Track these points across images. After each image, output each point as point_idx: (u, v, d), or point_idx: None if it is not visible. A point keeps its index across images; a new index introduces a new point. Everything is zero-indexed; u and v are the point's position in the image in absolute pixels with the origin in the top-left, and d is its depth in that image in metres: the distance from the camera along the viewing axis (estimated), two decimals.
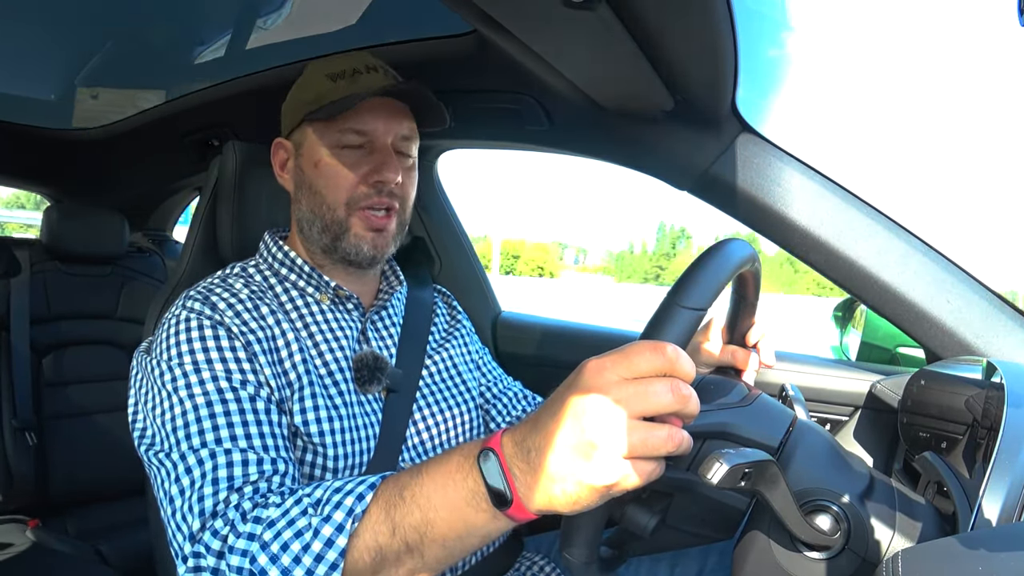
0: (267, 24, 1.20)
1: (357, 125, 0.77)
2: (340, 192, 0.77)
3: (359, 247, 0.78)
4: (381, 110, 0.78)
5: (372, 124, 0.77)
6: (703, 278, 0.51)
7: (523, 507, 0.45)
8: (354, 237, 0.78)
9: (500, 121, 1.10)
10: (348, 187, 0.77)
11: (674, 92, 0.84)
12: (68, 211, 1.63)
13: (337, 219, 0.77)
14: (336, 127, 0.77)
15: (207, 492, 0.58)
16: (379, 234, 0.79)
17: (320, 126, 0.78)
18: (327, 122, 0.77)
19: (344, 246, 0.78)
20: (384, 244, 0.80)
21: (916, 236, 0.89)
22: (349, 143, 0.77)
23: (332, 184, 0.77)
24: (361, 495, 0.52)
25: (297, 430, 0.70)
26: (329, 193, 0.77)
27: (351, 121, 0.76)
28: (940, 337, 0.87)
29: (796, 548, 0.53)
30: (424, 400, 0.83)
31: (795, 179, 0.91)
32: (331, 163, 0.77)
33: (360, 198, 0.77)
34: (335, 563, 0.51)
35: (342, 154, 0.77)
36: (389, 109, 0.79)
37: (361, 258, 0.79)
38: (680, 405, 0.42)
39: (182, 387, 0.64)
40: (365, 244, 0.78)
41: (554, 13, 0.60)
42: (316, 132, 0.78)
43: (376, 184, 0.77)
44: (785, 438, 0.58)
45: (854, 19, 50.01)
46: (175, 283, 0.89)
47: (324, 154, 0.77)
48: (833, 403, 1.00)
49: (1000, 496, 0.49)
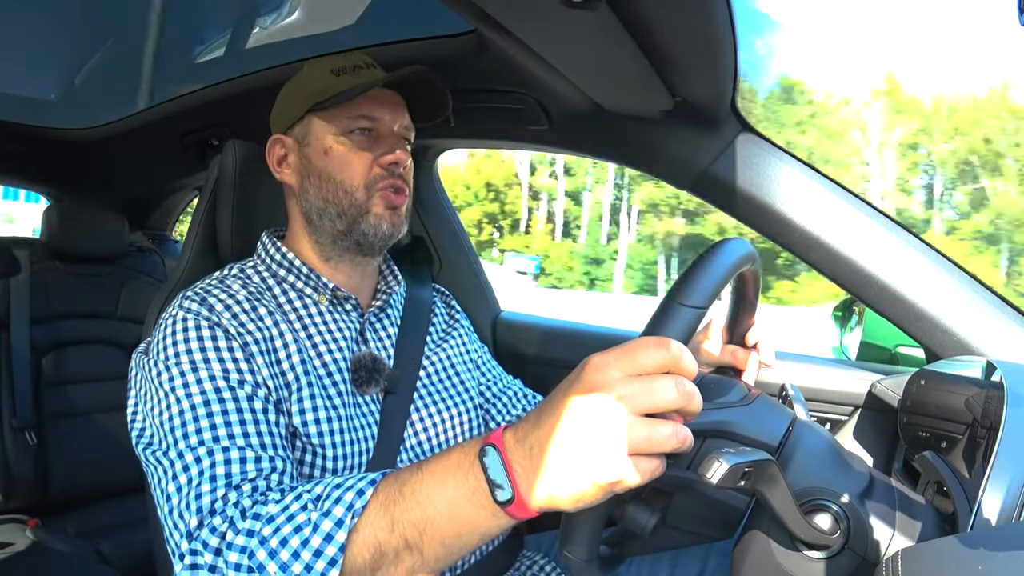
0: (267, 24, 1.20)
1: (366, 111, 0.78)
2: (356, 175, 0.78)
3: (379, 226, 0.78)
4: (387, 100, 0.80)
5: (380, 112, 0.79)
6: (704, 277, 0.52)
7: (525, 504, 0.45)
8: (374, 217, 0.78)
9: (500, 120, 1.10)
10: (364, 169, 0.78)
11: (674, 92, 0.84)
12: (68, 211, 1.63)
13: (356, 202, 0.78)
14: (344, 113, 0.78)
15: (204, 489, 0.58)
16: (395, 212, 0.79)
17: (328, 115, 0.78)
18: (334, 110, 0.78)
19: (363, 227, 0.78)
20: (399, 222, 0.80)
21: (916, 236, 0.89)
22: (360, 126, 0.78)
23: (347, 168, 0.78)
24: (361, 491, 0.52)
25: (295, 431, 0.70)
26: (345, 177, 0.78)
27: (360, 108, 0.78)
28: (940, 337, 0.87)
29: (796, 547, 0.54)
30: (422, 400, 0.83)
31: (795, 178, 0.91)
32: (342, 149, 0.78)
33: (377, 179, 0.78)
34: (334, 559, 0.51)
35: (352, 139, 0.78)
36: (393, 100, 0.81)
37: (378, 237, 0.79)
38: (684, 402, 0.43)
39: (179, 387, 0.64)
40: (384, 223, 0.78)
41: (554, 13, 0.60)
42: (324, 121, 0.79)
43: (390, 166, 0.78)
44: (785, 437, 0.58)
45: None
46: (174, 283, 0.89)
47: (334, 140, 0.78)
48: (833, 403, 1.00)
49: (1000, 496, 0.49)
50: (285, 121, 0.82)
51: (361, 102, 0.78)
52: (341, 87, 0.77)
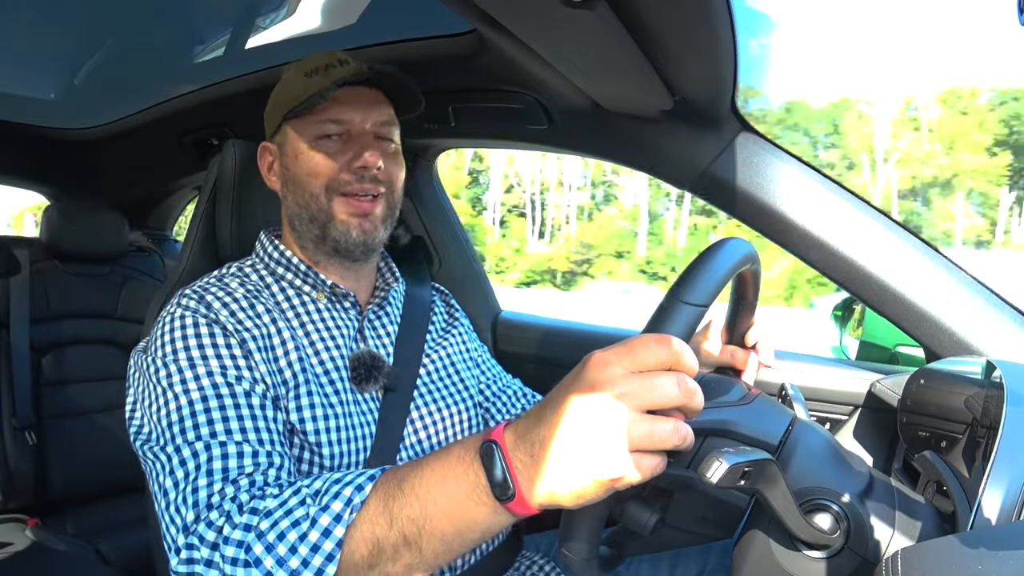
0: (266, 24, 1.20)
1: (333, 115, 0.77)
2: (319, 178, 0.77)
3: (347, 233, 0.78)
4: (357, 99, 0.79)
5: (348, 113, 0.78)
6: (704, 275, 0.52)
7: (525, 501, 0.45)
8: (340, 224, 0.77)
9: (500, 120, 1.10)
10: (327, 173, 0.77)
11: (674, 92, 0.84)
12: (68, 211, 1.63)
13: (320, 206, 0.78)
14: (313, 120, 0.78)
15: (201, 484, 0.58)
16: (365, 219, 0.78)
17: (298, 123, 0.79)
18: (304, 117, 0.78)
19: (333, 234, 0.78)
20: (372, 229, 0.79)
21: (916, 235, 0.89)
22: (327, 132, 0.78)
23: (312, 172, 0.77)
24: (360, 486, 0.52)
25: (293, 428, 0.70)
26: (311, 181, 0.78)
27: (327, 112, 0.77)
28: (940, 336, 0.87)
29: (796, 547, 0.53)
30: (422, 399, 0.83)
31: (795, 178, 0.91)
32: (310, 154, 0.78)
33: (341, 184, 0.77)
34: (331, 554, 0.50)
35: (321, 144, 0.78)
36: (365, 98, 0.79)
37: (350, 244, 0.78)
38: (686, 399, 0.43)
39: (177, 383, 0.65)
40: (353, 229, 0.78)
41: (554, 13, 0.60)
42: (295, 129, 0.79)
43: (358, 170, 0.77)
44: (785, 437, 0.58)
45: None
46: (174, 282, 0.89)
47: (303, 147, 0.78)
48: (833, 402, 1.00)
49: (999, 495, 0.49)
50: (270, 128, 0.83)
51: (328, 106, 0.77)
52: (312, 89, 0.76)
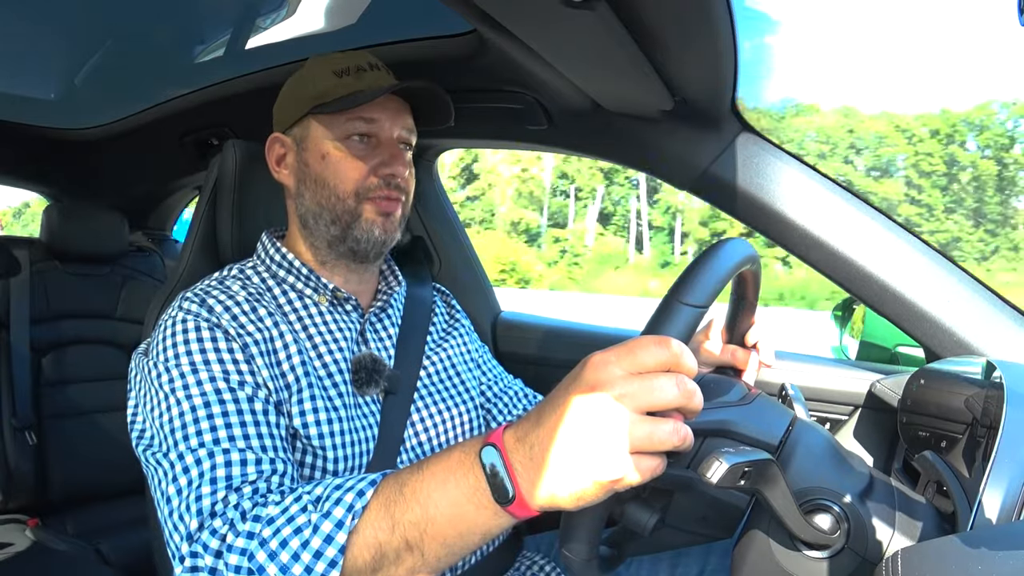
0: (267, 23, 1.20)
1: (366, 114, 0.77)
2: (349, 183, 0.77)
3: (370, 231, 0.78)
4: (387, 104, 0.79)
5: (380, 115, 0.78)
6: (704, 275, 0.52)
7: (525, 503, 0.45)
8: (365, 223, 0.77)
9: (500, 120, 1.10)
10: (358, 177, 0.77)
11: (674, 92, 0.84)
12: (68, 211, 1.63)
13: (348, 208, 0.77)
14: (343, 118, 0.77)
15: (205, 492, 0.58)
16: (388, 218, 0.79)
17: (326, 119, 0.78)
18: (334, 114, 0.77)
19: (355, 234, 0.78)
20: (392, 228, 0.80)
21: (916, 236, 0.89)
22: (357, 131, 0.77)
23: (342, 175, 0.77)
24: (361, 492, 0.52)
25: (296, 432, 0.70)
26: (340, 184, 0.77)
27: (360, 111, 0.77)
28: (940, 336, 0.87)
29: (796, 547, 0.53)
30: (423, 401, 0.83)
31: (795, 178, 0.91)
32: (339, 154, 0.77)
33: (371, 188, 0.77)
34: (334, 560, 0.51)
35: (350, 145, 0.77)
36: (394, 104, 0.80)
37: (371, 244, 0.78)
38: (685, 400, 0.43)
39: (179, 388, 0.64)
40: (376, 228, 0.78)
41: (554, 13, 0.60)
42: (322, 124, 0.78)
43: (386, 176, 0.77)
44: (785, 437, 0.58)
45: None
46: (174, 283, 0.89)
47: (331, 146, 0.77)
48: (833, 402, 1.00)
49: (999, 495, 0.49)
50: (285, 120, 0.81)
51: (362, 106, 0.77)
52: (342, 90, 0.76)
